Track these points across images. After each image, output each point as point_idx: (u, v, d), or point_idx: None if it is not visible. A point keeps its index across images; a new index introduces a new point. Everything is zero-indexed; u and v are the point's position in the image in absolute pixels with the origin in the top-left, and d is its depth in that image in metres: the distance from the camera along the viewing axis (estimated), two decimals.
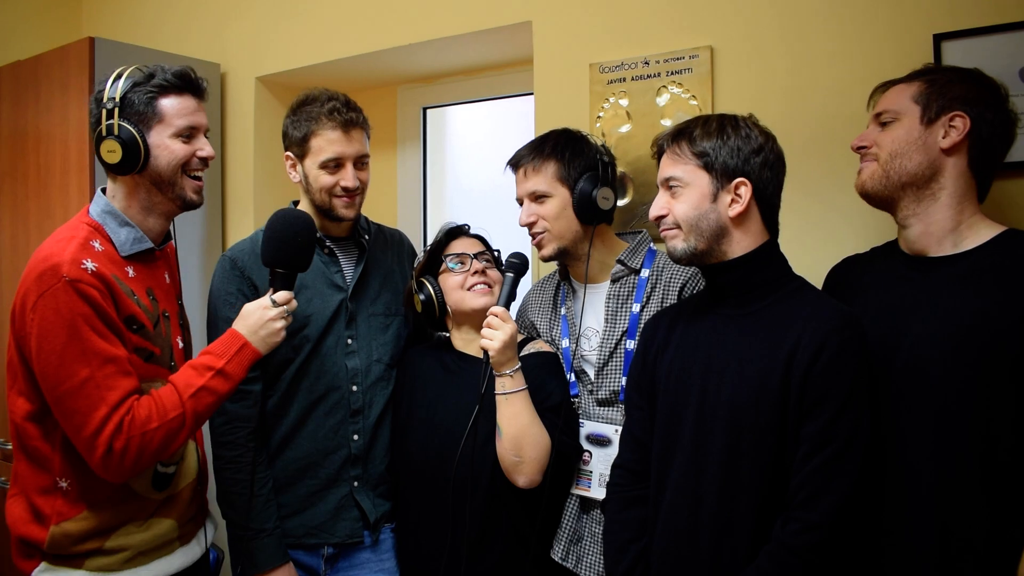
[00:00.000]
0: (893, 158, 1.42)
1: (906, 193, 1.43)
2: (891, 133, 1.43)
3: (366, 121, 1.88)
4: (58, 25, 3.26)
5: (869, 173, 1.47)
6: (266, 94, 2.88)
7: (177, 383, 1.51)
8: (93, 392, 1.42)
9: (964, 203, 1.40)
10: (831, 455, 1.32)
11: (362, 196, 1.88)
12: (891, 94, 1.47)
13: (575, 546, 1.77)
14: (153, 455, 1.48)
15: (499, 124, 3.00)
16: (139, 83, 1.56)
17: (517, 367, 1.69)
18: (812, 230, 1.83)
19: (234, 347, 1.56)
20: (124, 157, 1.53)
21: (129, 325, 1.51)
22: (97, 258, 1.48)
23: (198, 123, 1.63)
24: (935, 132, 1.40)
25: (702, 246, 1.47)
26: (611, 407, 1.77)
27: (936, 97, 1.40)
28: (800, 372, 1.35)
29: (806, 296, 1.44)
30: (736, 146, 1.45)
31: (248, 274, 1.82)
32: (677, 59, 2.03)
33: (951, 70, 1.45)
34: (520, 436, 1.67)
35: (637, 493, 1.58)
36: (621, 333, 1.75)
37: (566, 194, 1.77)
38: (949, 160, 1.40)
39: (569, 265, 1.87)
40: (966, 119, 1.38)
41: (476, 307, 1.80)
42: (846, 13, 1.82)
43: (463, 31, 2.40)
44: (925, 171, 1.40)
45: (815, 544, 1.31)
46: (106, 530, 1.53)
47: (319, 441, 1.84)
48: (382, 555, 1.89)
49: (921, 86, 1.42)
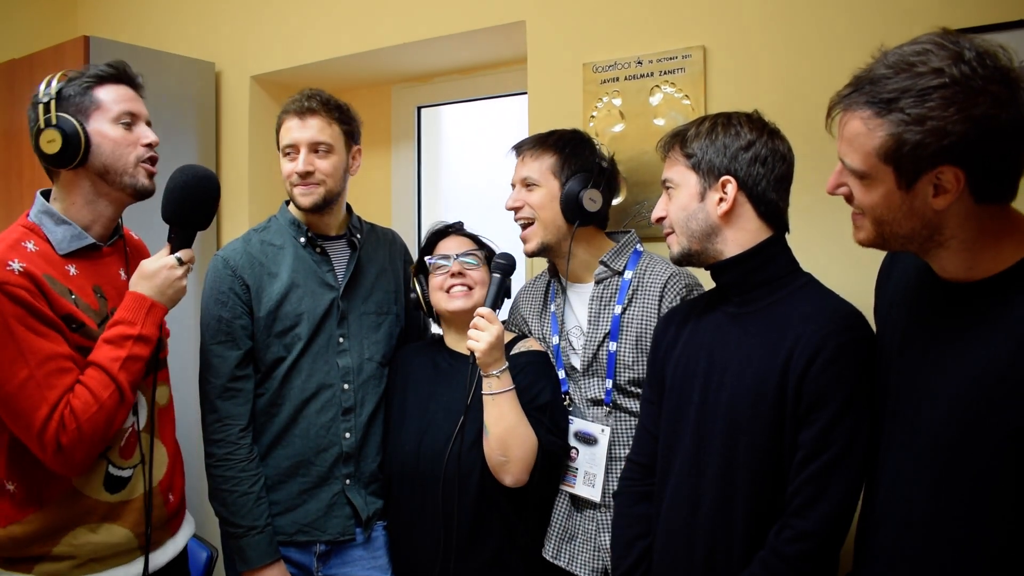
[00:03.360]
0: (882, 224, 1.14)
1: (911, 246, 1.16)
2: (870, 196, 1.13)
3: (332, 111, 1.87)
4: (53, 24, 3.26)
5: (865, 234, 1.19)
6: (260, 93, 2.89)
7: (100, 361, 1.48)
8: (34, 392, 1.41)
9: (983, 238, 1.10)
10: (827, 462, 1.29)
11: (324, 186, 1.85)
12: (853, 136, 1.11)
13: (567, 544, 1.77)
14: (101, 439, 1.48)
15: (493, 123, 3.00)
16: (73, 78, 1.57)
17: (504, 367, 1.69)
18: (810, 229, 1.84)
19: (143, 309, 1.54)
20: (64, 146, 1.51)
21: (68, 324, 1.48)
22: (28, 258, 1.45)
23: (136, 110, 1.61)
24: (921, 192, 1.08)
25: (695, 246, 1.47)
26: (599, 407, 1.77)
27: (910, 158, 1.05)
28: (796, 376, 1.32)
29: (810, 295, 1.40)
30: (723, 144, 1.43)
31: (240, 273, 1.83)
32: (670, 59, 2.03)
33: (925, 81, 1.03)
34: (506, 436, 1.67)
35: (647, 488, 1.57)
36: (604, 335, 1.75)
37: (556, 188, 1.78)
38: (949, 212, 1.08)
39: (555, 262, 1.88)
40: (957, 172, 1.04)
41: (452, 309, 1.81)
42: (837, 13, 1.83)
43: (457, 30, 2.41)
44: (922, 231, 1.11)
45: (807, 553, 1.29)
46: (53, 533, 1.50)
47: (311, 439, 1.84)
48: (374, 552, 1.90)
49: (887, 140, 1.06)
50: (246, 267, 1.84)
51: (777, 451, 1.34)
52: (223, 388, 1.80)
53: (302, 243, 1.90)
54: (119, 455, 1.57)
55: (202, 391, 1.84)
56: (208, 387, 1.82)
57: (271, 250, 1.88)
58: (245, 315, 1.83)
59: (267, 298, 1.83)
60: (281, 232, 1.92)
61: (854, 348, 1.32)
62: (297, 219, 1.92)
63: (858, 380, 1.30)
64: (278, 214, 1.97)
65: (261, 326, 1.83)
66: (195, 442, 1.91)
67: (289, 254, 1.88)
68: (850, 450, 1.29)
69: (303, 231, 1.90)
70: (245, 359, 1.83)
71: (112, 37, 2.85)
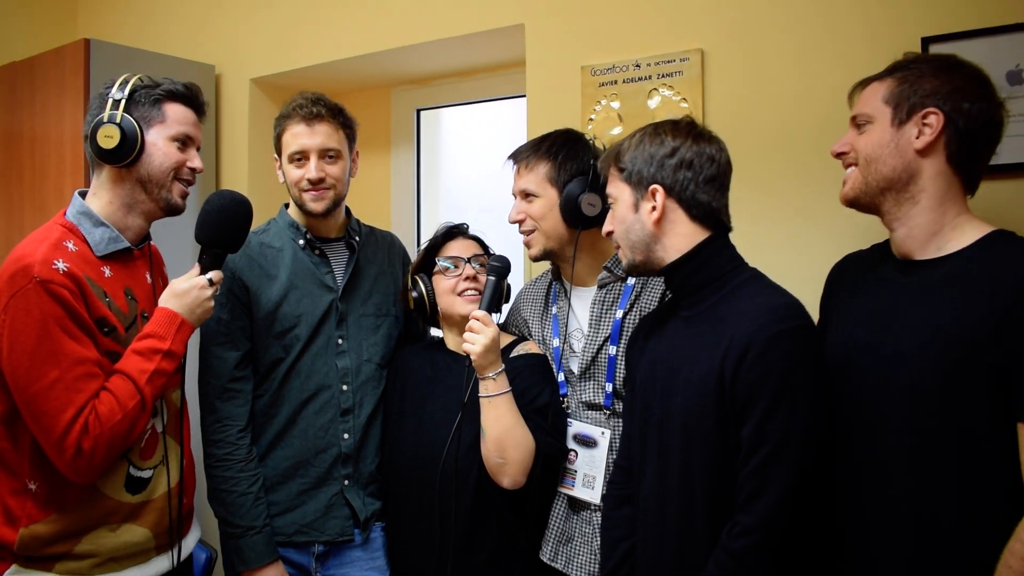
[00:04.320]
0: (869, 163, 1.37)
1: (886, 198, 1.38)
2: (866, 137, 1.39)
3: (337, 116, 1.89)
4: (54, 26, 3.27)
5: (851, 184, 1.42)
6: (260, 96, 2.89)
7: (128, 371, 1.50)
8: (62, 394, 1.42)
9: (947, 204, 1.34)
10: (765, 457, 1.30)
11: (335, 191, 1.87)
12: (866, 94, 1.41)
13: (565, 546, 1.77)
14: (120, 446, 1.50)
15: (492, 126, 3.01)
16: (148, 86, 1.63)
17: (500, 370, 1.70)
18: (810, 229, 1.84)
19: (174, 326, 1.56)
20: (119, 144, 1.55)
21: (100, 327, 1.51)
22: (70, 258, 1.48)
23: (194, 135, 1.67)
24: (908, 133, 1.34)
25: (638, 257, 1.50)
26: (597, 410, 1.77)
27: (907, 96, 1.34)
28: (730, 373, 1.33)
29: (749, 291, 1.42)
30: (650, 154, 1.47)
31: (239, 275, 1.84)
32: (668, 62, 2.04)
33: (928, 60, 1.39)
34: (503, 438, 1.68)
35: (630, 491, 1.59)
36: (604, 338, 1.76)
37: (554, 195, 1.78)
38: (926, 161, 1.33)
39: (559, 265, 1.88)
40: (939, 115, 1.31)
41: (465, 313, 1.80)
42: (835, 16, 1.84)
43: (456, 33, 2.42)
44: (901, 175, 1.35)
45: (752, 547, 1.30)
46: (75, 533, 1.52)
47: (310, 440, 1.85)
48: (373, 553, 1.91)
49: (892, 84, 1.36)
50: (245, 269, 1.85)
51: (726, 449, 1.36)
52: (222, 389, 1.81)
53: (301, 245, 1.91)
54: (139, 456, 1.59)
55: (201, 392, 1.85)
56: (207, 388, 1.83)
57: (270, 252, 1.89)
58: (244, 316, 1.83)
59: (266, 299, 1.84)
60: (280, 234, 1.92)
61: (785, 339, 1.32)
62: (296, 221, 1.93)
63: (790, 371, 1.31)
64: (277, 216, 1.97)
65: (260, 327, 1.84)
66: (195, 443, 1.91)
67: (288, 256, 1.89)
68: (787, 441, 1.29)
69: (302, 233, 1.91)
70: (244, 360, 1.83)
71: (112, 40, 2.85)
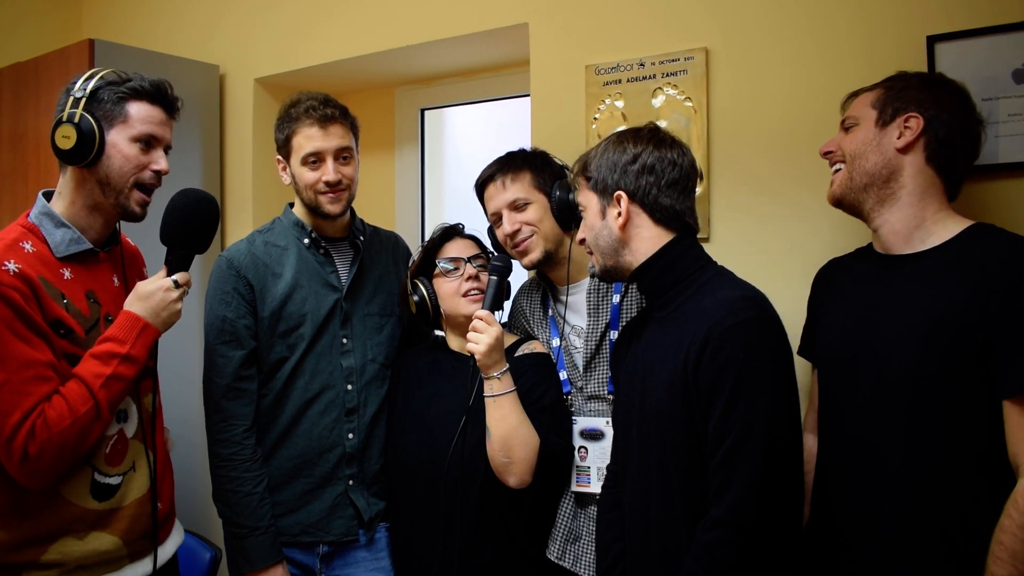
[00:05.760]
0: (854, 159, 1.47)
1: (869, 195, 1.46)
2: (851, 136, 1.49)
3: (347, 117, 1.89)
4: (58, 27, 3.27)
5: (838, 183, 1.51)
6: (264, 96, 2.89)
7: (84, 375, 1.45)
8: (9, 397, 1.38)
9: (927, 200, 1.42)
10: (729, 449, 1.31)
11: (349, 192, 1.88)
12: (856, 102, 1.52)
13: (572, 545, 1.78)
14: (71, 452, 1.44)
15: (496, 126, 3.01)
16: (113, 83, 1.55)
17: (504, 369, 1.70)
18: (811, 229, 1.84)
19: (135, 330, 1.51)
20: (76, 145, 1.49)
21: (56, 329, 1.46)
22: (23, 259, 1.44)
23: (160, 135, 1.59)
24: (890, 133, 1.44)
25: (609, 262, 1.53)
26: (602, 401, 1.78)
27: (892, 101, 1.45)
28: (692, 369, 1.36)
29: (713, 287, 1.44)
30: (613, 161, 1.50)
31: (244, 273, 1.84)
32: (672, 61, 2.04)
33: (914, 76, 1.49)
34: (509, 437, 1.68)
35: (620, 494, 1.60)
36: (605, 325, 1.78)
37: (544, 200, 1.82)
38: (906, 159, 1.42)
39: (548, 271, 1.89)
40: (919, 119, 1.41)
41: (469, 313, 1.79)
42: (840, 15, 1.83)
43: (460, 33, 2.42)
44: (882, 170, 1.43)
45: (721, 540, 1.31)
46: (40, 540, 1.48)
47: (314, 439, 1.85)
48: (377, 554, 1.91)
49: (880, 92, 1.48)
50: (250, 267, 1.85)
51: (698, 446, 1.37)
52: (227, 388, 1.81)
53: (306, 244, 1.91)
54: (105, 462, 1.54)
55: (206, 391, 1.84)
56: (212, 387, 1.83)
57: (275, 251, 1.89)
58: (249, 315, 1.83)
59: (271, 298, 1.84)
60: (285, 233, 1.93)
61: (741, 331, 1.33)
62: (302, 220, 1.93)
63: (747, 362, 1.32)
64: (282, 215, 1.98)
65: (265, 326, 1.84)
66: (198, 443, 1.92)
67: (293, 255, 1.89)
68: (749, 432, 1.30)
69: (307, 232, 1.91)
70: (249, 359, 1.83)
71: (117, 40, 2.85)
